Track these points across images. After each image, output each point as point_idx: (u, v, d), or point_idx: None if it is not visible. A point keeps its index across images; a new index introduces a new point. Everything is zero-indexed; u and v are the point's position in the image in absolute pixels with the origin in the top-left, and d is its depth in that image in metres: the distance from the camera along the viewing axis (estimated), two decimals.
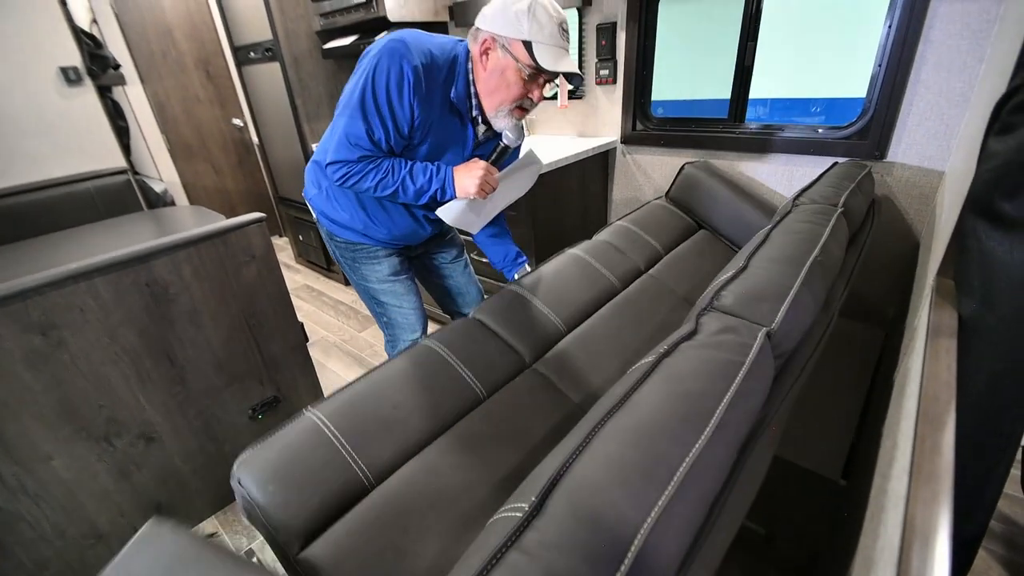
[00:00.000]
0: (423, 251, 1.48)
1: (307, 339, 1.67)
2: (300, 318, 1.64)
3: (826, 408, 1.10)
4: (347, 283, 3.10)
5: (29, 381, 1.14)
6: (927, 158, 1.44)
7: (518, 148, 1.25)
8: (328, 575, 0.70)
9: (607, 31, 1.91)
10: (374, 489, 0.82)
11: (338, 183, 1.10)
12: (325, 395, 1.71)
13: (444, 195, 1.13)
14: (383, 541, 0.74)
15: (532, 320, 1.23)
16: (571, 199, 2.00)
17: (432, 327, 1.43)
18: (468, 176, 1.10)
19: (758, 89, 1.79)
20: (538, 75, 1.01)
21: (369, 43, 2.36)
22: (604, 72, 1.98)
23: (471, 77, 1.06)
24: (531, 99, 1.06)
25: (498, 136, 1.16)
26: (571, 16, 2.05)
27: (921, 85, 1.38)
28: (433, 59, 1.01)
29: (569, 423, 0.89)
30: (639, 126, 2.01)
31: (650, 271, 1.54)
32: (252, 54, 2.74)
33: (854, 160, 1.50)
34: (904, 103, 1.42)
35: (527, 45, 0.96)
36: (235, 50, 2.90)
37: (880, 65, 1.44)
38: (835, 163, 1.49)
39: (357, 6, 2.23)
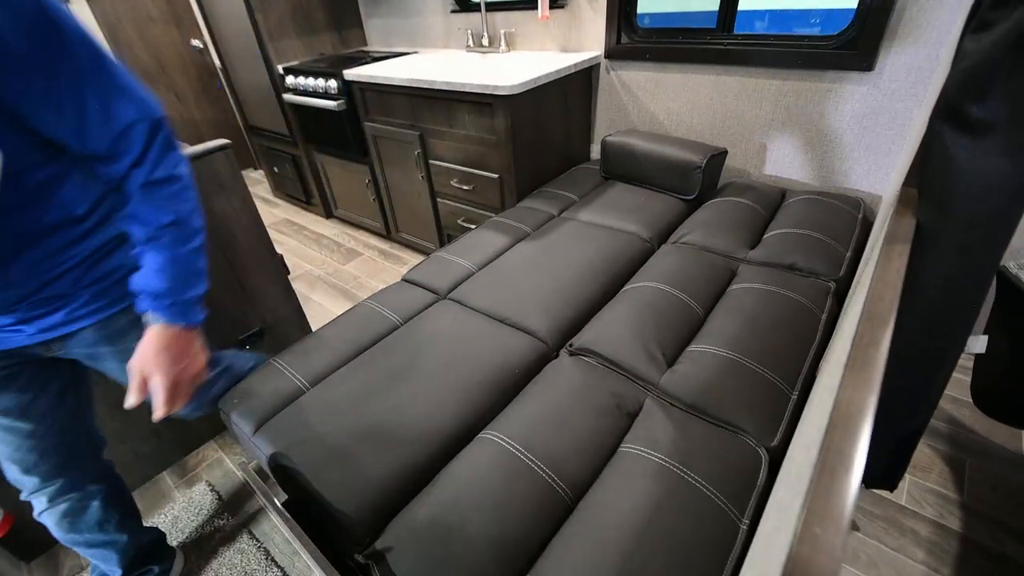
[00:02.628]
0: (63, 355, 0.87)
1: (288, 272, 1.67)
2: (283, 252, 1.63)
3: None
4: (328, 216, 3.05)
5: None
6: (915, 69, 1.39)
7: None
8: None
9: None
10: (308, 391, 1.10)
11: None
12: (312, 326, 1.75)
13: None
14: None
15: (446, 271, 1.47)
16: (553, 122, 1.93)
17: None
18: None
19: (751, 1, 1.68)
20: None
21: None
22: None
23: None
24: None
25: None
26: None
27: None
28: None
29: (476, 324, 1.21)
30: (624, 39, 1.90)
31: (562, 214, 1.72)
32: None
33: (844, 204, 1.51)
34: (896, 9, 1.35)
35: None
36: None
37: None
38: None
39: None
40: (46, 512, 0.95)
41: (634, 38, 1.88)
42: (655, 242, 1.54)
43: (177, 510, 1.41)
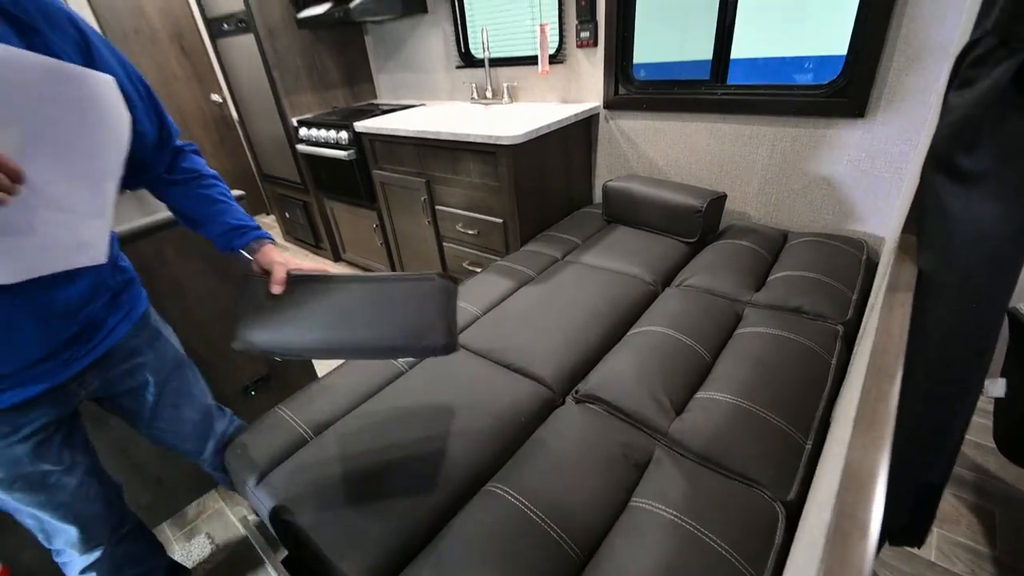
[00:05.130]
0: (95, 390, 0.88)
1: None
2: None
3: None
4: (336, 259, 3.10)
5: None
6: (907, 114, 1.43)
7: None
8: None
9: None
10: (312, 440, 1.08)
11: None
12: (318, 370, 1.75)
13: None
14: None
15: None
16: (554, 168, 1.98)
17: None
18: None
19: (743, 49, 1.75)
20: None
21: (343, 9, 2.27)
22: (585, 34, 1.93)
23: None
24: None
25: None
26: None
27: (901, 40, 1.36)
28: None
29: (481, 370, 1.21)
30: (621, 90, 1.98)
31: (565, 258, 1.74)
32: (225, 26, 2.65)
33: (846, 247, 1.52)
34: (884, 58, 1.40)
35: None
36: (208, 22, 2.80)
37: (860, 19, 1.41)
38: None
39: None
40: (88, 568, 0.95)
41: (631, 89, 1.96)
42: (659, 285, 1.55)
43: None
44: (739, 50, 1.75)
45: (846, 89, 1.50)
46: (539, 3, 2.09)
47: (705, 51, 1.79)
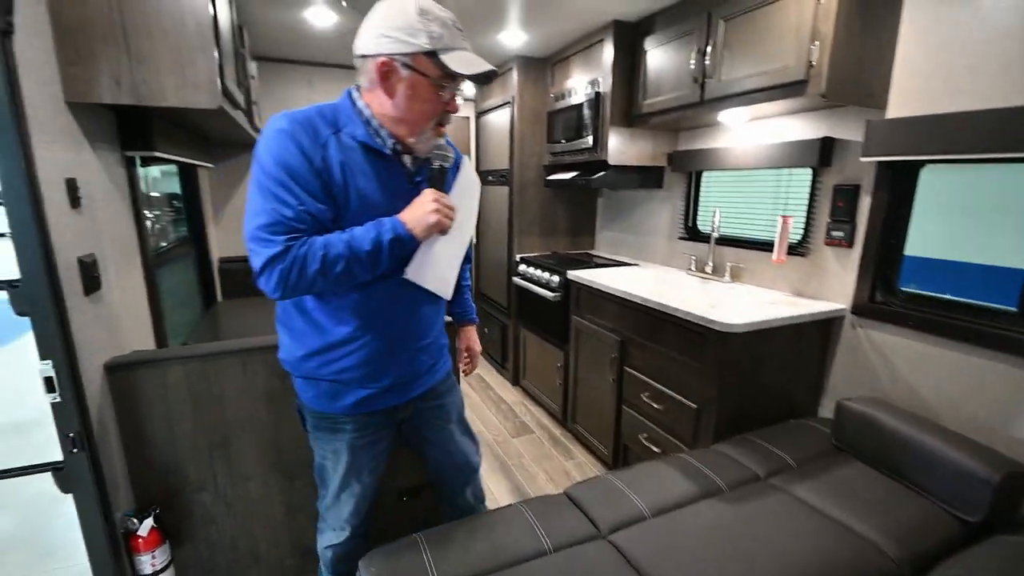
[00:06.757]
0: (409, 414, 1.20)
1: None
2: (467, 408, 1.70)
3: None
4: (514, 383, 3.20)
5: (262, 412, 1.42)
6: None
7: (456, 165, 1.12)
8: None
9: (846, 193, 1.72)
10: None
11: (279, 292, 0.91)
12: None
13: (403, 246, 0.96)
14: None
15: (614, 502, 1.31)
16: (773, 366, 1.73)
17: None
18: (420, 210, 0.96)
19: None
20: (450, 83, 0.95)
21: (586, 179, 2.58)
22: (837, 234, 1.76)
23: (368, 114, 0.97)
24: (449, 112, 1.00)
25: (425, 164, 1.04)
26: (804, 175, 1.93)
27: None
28: (308, 116, 0.94)
29: None
30: (879, 298, 1.69)
31: (769, 479, 1.42)
32: (491, 178, 3.30)
33: None
34: None
35: (432, 55, 0.91)
36: (480, 173, 3.55)
37: None
38: None
39: (583, 149, 2.53)
40: (335, 546, 1.24)
41: (893, 301, 1.66)
42: (905, 567, 1.11)
43: None
44: None
45: None
46: (785, 195, 2.03)
47: (1013, 256, 1.41)
